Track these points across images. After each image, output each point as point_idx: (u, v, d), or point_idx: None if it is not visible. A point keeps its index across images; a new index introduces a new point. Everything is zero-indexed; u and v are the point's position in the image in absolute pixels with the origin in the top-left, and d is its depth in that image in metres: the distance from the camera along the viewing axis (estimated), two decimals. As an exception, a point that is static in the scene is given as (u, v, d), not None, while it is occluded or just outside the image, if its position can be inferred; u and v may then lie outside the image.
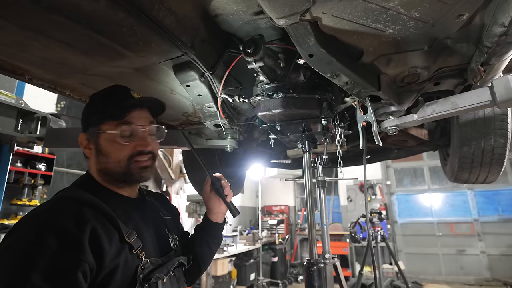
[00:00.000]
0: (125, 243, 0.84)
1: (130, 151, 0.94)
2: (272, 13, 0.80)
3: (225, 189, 1.20)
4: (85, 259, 0.74)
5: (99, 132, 0.94)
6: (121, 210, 0.91)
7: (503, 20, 0.81)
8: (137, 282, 0.83)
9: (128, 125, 0.94)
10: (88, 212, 0.81)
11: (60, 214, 0.80)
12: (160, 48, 1.08)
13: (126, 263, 0.83)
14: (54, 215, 0.79)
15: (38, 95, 3.82)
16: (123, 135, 0.93)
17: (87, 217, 0.80)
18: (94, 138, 0.95)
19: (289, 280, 8.10)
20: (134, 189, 1.03)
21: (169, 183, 6.32)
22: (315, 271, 1.39)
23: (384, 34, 0.90)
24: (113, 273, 0.79)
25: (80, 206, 0.82)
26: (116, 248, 0.82)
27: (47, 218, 0.79)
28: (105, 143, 0.94)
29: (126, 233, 0.85)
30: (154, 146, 0.99)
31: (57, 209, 0.82)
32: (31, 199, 3.76)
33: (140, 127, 0.96)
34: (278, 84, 1.29)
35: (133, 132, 0.95)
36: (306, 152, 1.50)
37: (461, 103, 1.10)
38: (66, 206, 0.83)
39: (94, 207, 0.84)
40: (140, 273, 0.84)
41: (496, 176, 1.93)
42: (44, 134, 1.98)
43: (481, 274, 7.41)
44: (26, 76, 1.25)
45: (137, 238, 0.87)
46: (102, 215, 0.84)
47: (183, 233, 1.22)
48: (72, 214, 0.79)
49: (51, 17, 0.88)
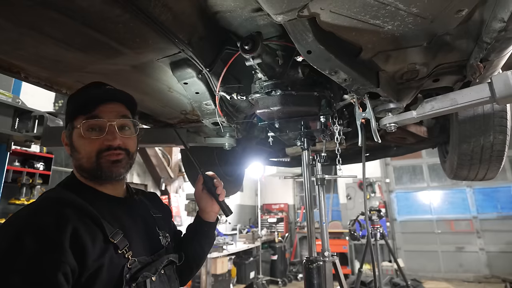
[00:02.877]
0: (109, 243, 0.83)
1: (98, 146, 0.90)
2: (269, 9, 0.79)
3: (218, 188, 1.17)
4: (65, 260, 0.73)
5: (72, 128, 0.93)
6: (106, 210, 0.89)
7: (503, 16, 0.81)
8: (123, 281, 0.82)
9: (94, 119, 0.90)
10: (70, 213, 0.80)
11: (41, 215, 0.78)
12: (157, 45, 1.07)
13: (112, 263, 0.81)
14: (34, 216, 0.78)
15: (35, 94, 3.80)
16: (89, 130, 0.90)
17: (69, 217, 0.79)
18: (69, 134, 0.94)
19: (289, 278, 8.11)
20: (120, 188, 1.01)
21: (168, 181, 6.32)
22: (314, 269, 1.38)
23: (383, 30, 0.90)
24: (97, 273, 0.78)
25: (63, 207, 0.81)
26: (100, 249, 0.80)
27: (28, 219, 0.77)
28: (76, 139, 0.92)
29: (111, 233, 0.83)
30: (126, 142, 0.94)
31: (38, 210, 0.81)
32: (29, 199, 3.74)
33: (106, 121, 0.91)
34: (277, 81, 1.28)
35: (101, 127, 0.91)
36: (304, 150, 1.50)
37: (460, 100, 1.10)
38: (48, 207, 0.82)
39: (77, 208, 0.82)
40: (127, 273, 0.83)
41: (495, 173, 1.93)
42: (41, 133, 1.97)
43: (480, 271, 7.45)
44: (22, 74, 1.23)
45: (123, 238, 0.85)
46: (86, 215, 0.82)
47: (176, 232, 1.20)
48: (53, 215, 0.78)
49: (46, 13, 0.87)
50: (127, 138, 0.96)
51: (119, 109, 0.96)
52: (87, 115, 0.90)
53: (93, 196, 0.91)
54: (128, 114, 0.98)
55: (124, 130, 0.96)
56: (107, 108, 0.93)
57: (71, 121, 0.93)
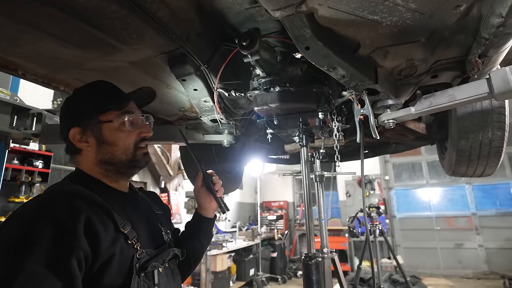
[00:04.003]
0: (120, 233, 0.84)
1: (135, 138, 0.98)
2: (267, 5, 0.79)
3: (216, 185, 1.20)
4: (79, 245, 0.73)
5: (100, 122, 0.95)
6: (115, 202, 0.91)
7: (501, 11, 0.80)
8: (134, 271, 0.83)
9: (132, 114, 0.98)
10: (81, 203, 0.81)
11: (53, 205, 0.79)
12: (154, 41, 1.07)
13: (122, 252, 0.82)
14: (46, 207, 0.79)
15: (34, 91, 3.79)
16: (129, 123, 0.97)
17: (81, 207, 0.80)
18: (93, 129, 0.95)
19: (288, 275, 8.14)
20: (125, 183, 1.04)
21: (167, 179, 6.32)
22: (313, 265, 1.39)
23: (381, 26, 0.89)
24: (109, 262, 0.79)
25: (73, 198, 0.82)
26: (112, 237, 0.81)
27: (40, 209, 0.78)
28: (109, 133, 0.95)
29: (121, 223, 0.85)
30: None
31: (50, 201, 0.82)
32: (29, 197, 3.74)
33: (141, 115, 1.01)
34: (275, 77, 1.28)
35: (136, 121, 0.99)
36: (303, 147, 1.49)
37: (459, 96, 1.10)
38: (58, 198, 0.83)
39: (87, 199, 0.83)
40: (136, 262, 0.84)
41: (493, 169, 1.93)
42: (39, 130, 1.97)
43: (479, 267, 7.48)
44: (19, 71, 1.23)
45: (131, 229, 0.87)
46: (96, 205, 0.84)
47: (174, 230, 1.22)
48: (66, 205, 0.79)
49: (44, 10, 0.87)
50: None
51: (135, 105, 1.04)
52: (122, 110, 0.97)
53: (101, 189, 0.93)
54: None
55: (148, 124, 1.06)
56: (133, 105, 1.02)
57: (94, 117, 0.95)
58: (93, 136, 0.95)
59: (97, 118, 0.95)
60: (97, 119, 0.95)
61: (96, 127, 0.95)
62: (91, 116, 0.95)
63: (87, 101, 0.98)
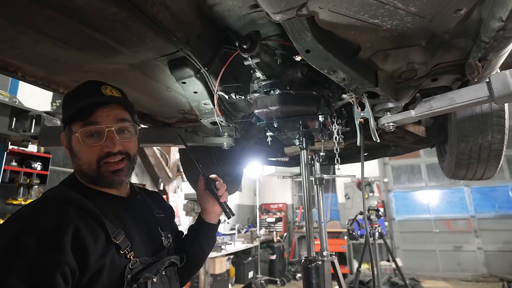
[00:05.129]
0: (111, 243, 0.82)
1: (97, 153, 0.88)
2: (268, 8, 0.79)
3: (220, 189, 1.16)
4: (64, 260, 0.72)
5: (70, 133, 0.90)
6: (108, 209, 0.88)
7: (501, 15, 0.80)
8: (125, 282, 0.81)
9: (91, 125, 0.88)
10: (72, 212, 0.79)
11: (41, 215, 0.77)
12: (154, 43, 1.06)
13: (113, 263, 0.81)
14: (35, 215, 0.77)
15: (33, 93, 3.78)
16: (87, 137, 0.88)
17: (70, 217, 0.78)
18: (67, 139, 0.92)
19: (287, 277, 8.11)
20: (123, 188, 1.00)
21: (166, 181, 6.30)
22: (313, 268, 1.38)
23: (382, 29, 0.89)
24: (99, 274, 0.77)
25: (65, 206, 0.81)
26: (102, 248, 0.79)
27: (28, 218, 0.77)
28: (75, 145, 0.90)
29: (113, 233, 0.83)
30: (126, 145, 0.92)
31: (38, 210, 0.80)
32: (27, 199, 3.72)
33: (104, 127, 0.88)
34: (275, 80, 1.28)
35: (99, 132, 0.88)
36: (303, 149, 1.49)
37: (459, 99, 1.10)
38: (49, 206, 0.81)
39: (79, 206, 0.82)
40: (128, 273, 0.82)
41: (493, 172, 1.93)
42: (38, 132, 1.96)
43: (478, 270, 7.47)
44: (18, 73, 1.23)
45: (125, 238, 0.85)
46: (88, 214, 0.82)
47: (177, 232, 1.20)
48: (54, 215, 0.77)
49: (43, 12, 0.87)
50: (127, 142, 0.93)
51: (116, 112, 0.93)
52: (84, 121, 0.88)
53: (96, 195, 0.90)
54: (126, 116, 0.95)
55: (123, 134, 0.93)
56: (104, 113, 0.90)
57: (68, 126, 0.91)
58: (67, 145, 0.93)
59: (69, 128, 0.91)
60: (69, 128, 0.91)
61: (68, 136, 0.92)
62: (66, 124, 0.92)
63: (65, 108, 0.94)
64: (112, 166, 0.89)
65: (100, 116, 0.89)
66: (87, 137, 0.88)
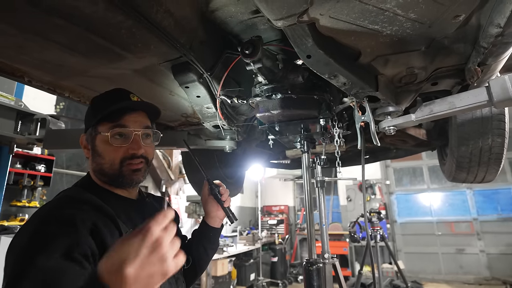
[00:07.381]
0: None
1: (122, 154, 0.94)
2: (269, 15, 0.81)
3: (223, 195, 1.20)
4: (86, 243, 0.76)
5: (95, 133, 0.96)
6: (121, 210, 0.92)
7: (499, 21, 0.82)
8: None
9: (121, 128, 0.95)
10: (88, 210, 0.83)
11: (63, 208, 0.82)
12: (159, 49, 1.09)
13: None
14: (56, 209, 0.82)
15: (37, 96, 3.81)
16: (115, 137, 0.94)
17: (88, 213, 0.82)
18: (91, 138, 0.97)
19: (289, 280, 8.09)
20: (133, 191, 1.04)
21: (168, 183, 6.31)
22: (314, 271, 1.39)
23: (382, 35, 0.91)
24: None
25: (81, 204, 0.84)
26: None
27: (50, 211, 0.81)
28: (100, 144, 0.95)
29: (126, 232, 0.86)
30: (147, 150, 0.99)
31: (57, 207, 0.84)
32: (31, 200, 3.75)
33: (132, 130, 0.96)
34: (277, 85, 1.29)
35: (126, 135, 0.96)
36: (305, 153, 1.50)
37: (459, 103, 1.11)
38: (68, 203, 0.85)
39: (94, 206, 0.85)
40: None
41: (494, 176, 1.93)
42: (43, 135, 1.98)
43: (480, 273, 7.43)
44: (25, 78, 1.25)
45: None
46: (102, 213, 0.85)
47: (181, 236, 1.22)
48: (72, 210, 0.81)
49: (50, 20, 0.89)
50: (148, 147, 1.00)
51: (143, 119, 1.00)
52: (114, 123, 0.94)
53: (109, 196, 0.94)
54: (149, 124, 1.03)
55: (146, 139, 1.01)
56: (132, 118, 0.97)
57: (95, 126, 0.96)
58: (90, 145, 0.98)
59: (95, 128, 0.96)
60: (95, 128, 0.96)
61: (92, 136, 0.97)
62: (92, 125, 0.97)
63: (93, 109, 1.00)
64: (133, 165, 0.96)
65: (128, 121, 0.96)
66: (114, 138, 0.94)
